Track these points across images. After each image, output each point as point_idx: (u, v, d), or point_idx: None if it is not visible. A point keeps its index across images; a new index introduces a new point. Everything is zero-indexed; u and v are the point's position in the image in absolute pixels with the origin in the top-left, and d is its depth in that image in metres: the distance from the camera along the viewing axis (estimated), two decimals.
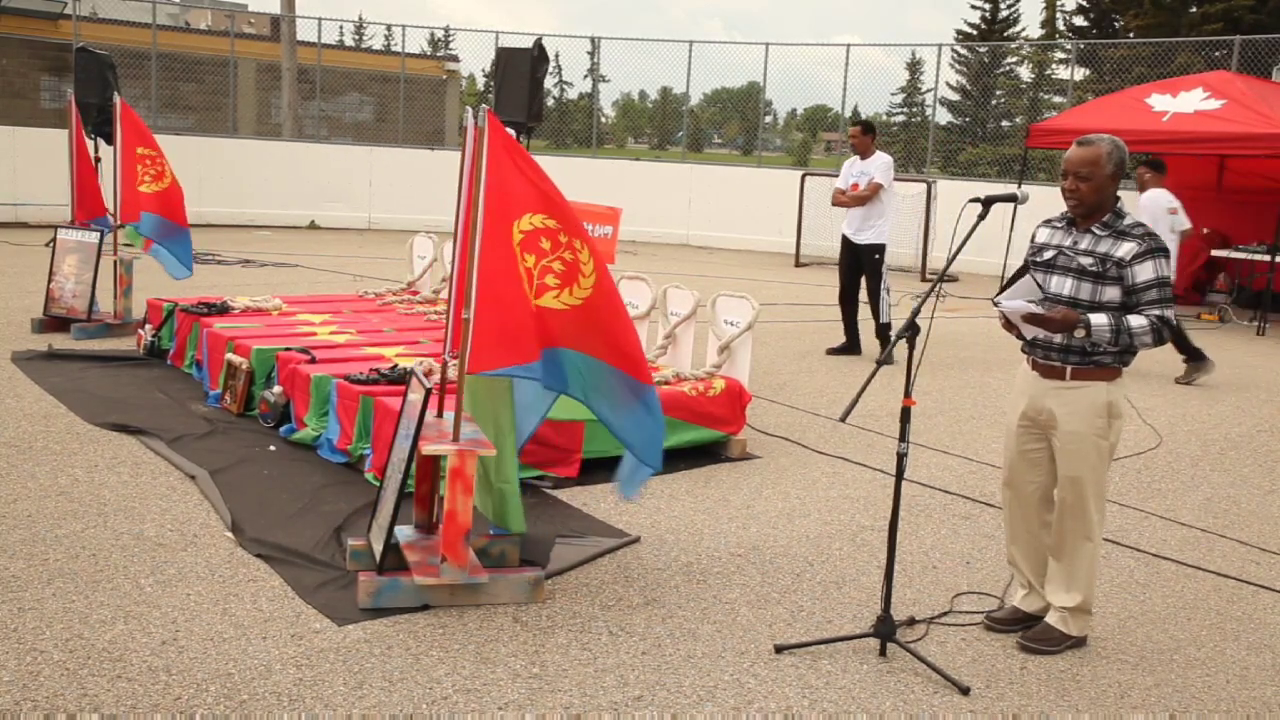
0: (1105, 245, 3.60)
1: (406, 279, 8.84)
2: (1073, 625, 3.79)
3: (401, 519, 3.98)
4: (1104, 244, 3.60)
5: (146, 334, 7.56)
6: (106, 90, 9.07)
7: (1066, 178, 3.65)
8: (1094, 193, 3.61)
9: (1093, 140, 3.64)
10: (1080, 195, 3.62)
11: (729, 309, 6.18)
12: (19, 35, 21.56)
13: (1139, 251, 3.55)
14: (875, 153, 8.98)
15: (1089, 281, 3.60)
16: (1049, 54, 27.70)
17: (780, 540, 4.74)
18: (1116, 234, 3.60)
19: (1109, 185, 3.61)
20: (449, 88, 27.41)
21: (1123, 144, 3.65)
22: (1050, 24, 33.22)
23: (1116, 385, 3.69)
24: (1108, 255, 3.58)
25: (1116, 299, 3.58)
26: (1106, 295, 3.59)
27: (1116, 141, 3.64)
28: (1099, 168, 3.59)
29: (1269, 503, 5.72)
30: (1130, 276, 3.56)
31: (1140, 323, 3.52)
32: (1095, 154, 3.59)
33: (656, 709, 3.26)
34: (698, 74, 19.37)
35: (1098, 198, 3.62)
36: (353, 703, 3.18)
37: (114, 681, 3.21)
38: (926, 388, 7.86)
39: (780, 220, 17.22)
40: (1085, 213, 3.66)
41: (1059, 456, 3.73)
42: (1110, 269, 3.57)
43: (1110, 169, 3.59)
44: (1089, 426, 3.66)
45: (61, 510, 4.58)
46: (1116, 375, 3.68)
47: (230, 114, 19.55)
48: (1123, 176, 3.66)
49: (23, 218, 15.56)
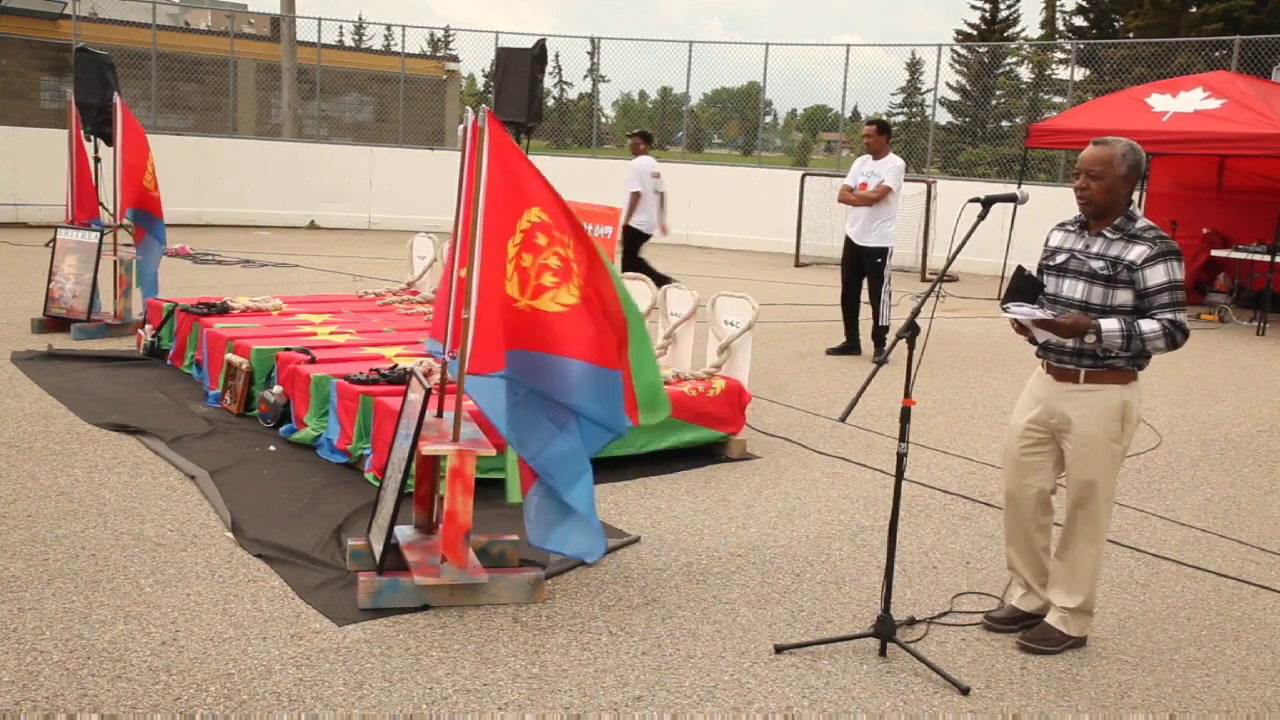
0: (1116, 249, 3.59)
1: (406, 279, 8.84)
2: (1073, 626, 3.79)
3: (401, 519, 3.98)
4: (1115, 247, 3.60)
5: (146, 334, 7.56)
6: (106, 90, 9.07)
7: (1079, 176, 3.64)
8: (1104, 192, 3.60)
9: (1109, 141, 3.63)
10: (1090, 194, 3.62)
11: (729, 309, 6.18)
12: (19, 35, 21.55)
13: (1150, 255, 3.54)
14: (889, 154, 8.93)
15: (1100, 285, 3.59)
16: (1049, 54, 27.69)
17: (780, 540, 4.74)
18: (1128, 237, 3.59)
19: (1120, 186, 3.60)
20: (449, 88, 27.40)
21: (1140, 149, 3.63)
22: (1050, 24, 33.24)
23: (1131, 388, 3.67)
24: (1119, 259, 3.57)
25: (1129, 303, 3.57)
26: (1118, 299, 3.58)
27: (1134, 145, 3.62)
28: (1112, 168, 3.58)
29: (1269, 503, 5.72)
30: (1142, 280, 3.54)
31: (1152, 327, 3.51)
32: (1109, 154, 3.58)
33: (656, 709, 3.26)
34: (698, 74, 19.39)
35: (1108, 198, 3.61)
36: (353, 703, 3.18)
37: (114, 681, 3.21)
38: (926, 388, 7.86)
39: (780, 220, 17.22)
40: (1095, 213, 3.65)
41: (1073, 460, 3.70)
42: (1121, 272, 3.56)
43: (1123, 170, 3.58)
44: (1103, 430, 3.64)
45: (61, 510, 4.58)
46: (1132, 378, 3.66)
47: (230, 114, 19.55)
48: (1138, 181, 3.64)
49: (23, 218, 15.56)
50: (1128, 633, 4.01)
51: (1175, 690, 3.59)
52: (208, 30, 27.68)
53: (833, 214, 14.51)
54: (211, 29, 27.88)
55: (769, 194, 17.70)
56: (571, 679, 3.40)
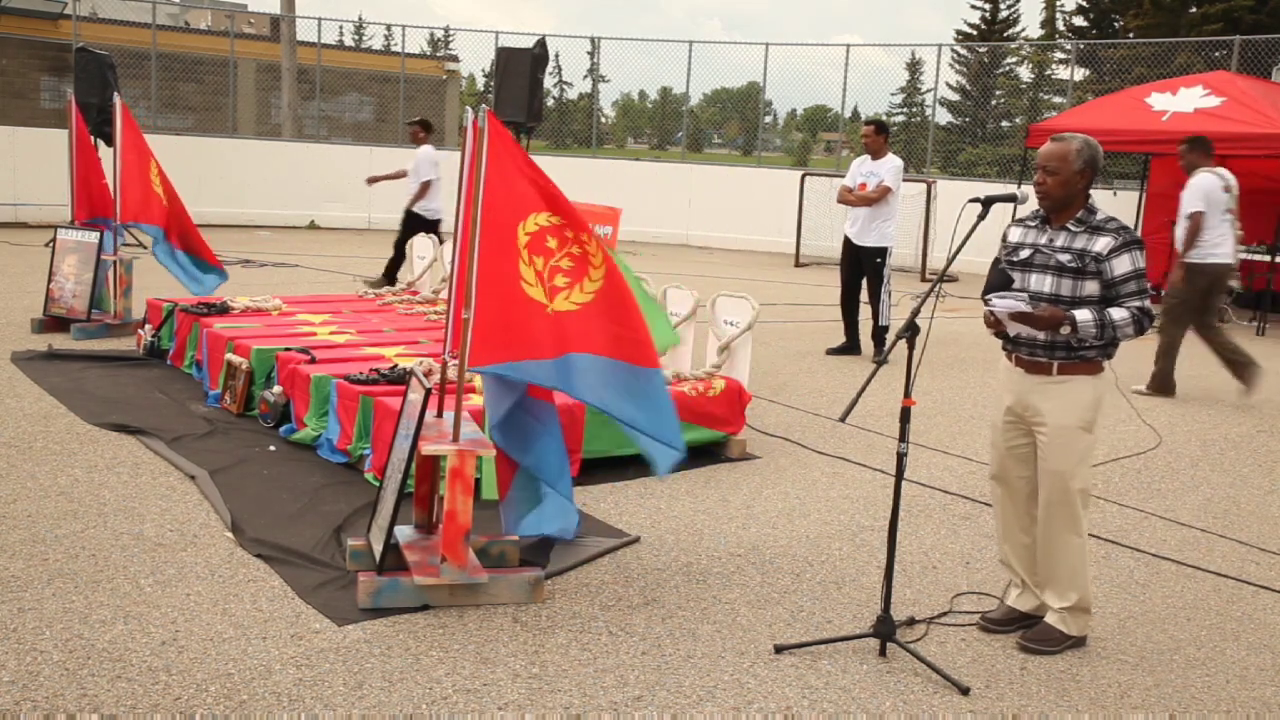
0: (1082, 241, 3.67)
1: (406, 279, 8.84)
2: (1072, 625, 3.80)
3: (401, 519, 3.98)
4: (1080, 239, 3.68)
5: (146, 334, 7.56)
6: (106, 90, 9.09)
7: (1038, 172, 3.73)
8: (1060, 187, 3.68)
9: (1065, 137, 3.74)
10: (1047, 189, 3.71)
11: (729, 309, 6.18)
12: (19, 35, 21.55)
13: (1115, 245, 3.63)
14: (888, 154, 8.94)
15: (1069, 277, 3.66)
16: (1049, 54, 27.71)
17: (780, 540, 4.74)
18: (1091, 229, 3.68)
19: (1076, 181, 3.68)
20: (449, 88, 27.42)
21: (1096, 144, 3.72)
22: (1050, 24, 33.26)
23: (1100, 379, 3.76)
24: (1085, 250, 3.65)
25: (1096, 293, 3.66)
26: (1086, 290, 3.65)
27: (1089, 141, 3.72)
28: (1067, 163, 3.66)
29: (1269, 503, 5.72)
30: (1109, 270, 3.63)
31: (1122, 315, 3.60)
32: (1065, 150, 3.68)
33: (656, 709, 3.26)
34: (698, 74, 19.39)
35: (1064, 192, 3.69)
36: (353, 703, 3.18)
37: (114, 681, 3.21)
38: (926, 388, 7.86)
39: (780, 220, 17.22)
40: (1053, 207, 3.73)
41: (1045, 451, 3.76)
42: (1089, 264, 3.64)
43: (1078, 165, 3.67)
44: (1076, 420, 3.71)
45: (61, 510, 4.58)
46: (1100, 369, 3.75)
47: (230, 114, 19.55)
48: (1094, 176, 3.71)
49: (23, 218, 15.56)
50: (1128, 633, 4.01)
51: (1175, 690, 3.60)
52: (208, 30, 27.70)
53: (832, 214, 14.50)
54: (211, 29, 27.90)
55: (769, 194, 17.70)
56: (571, 679, 3.40)
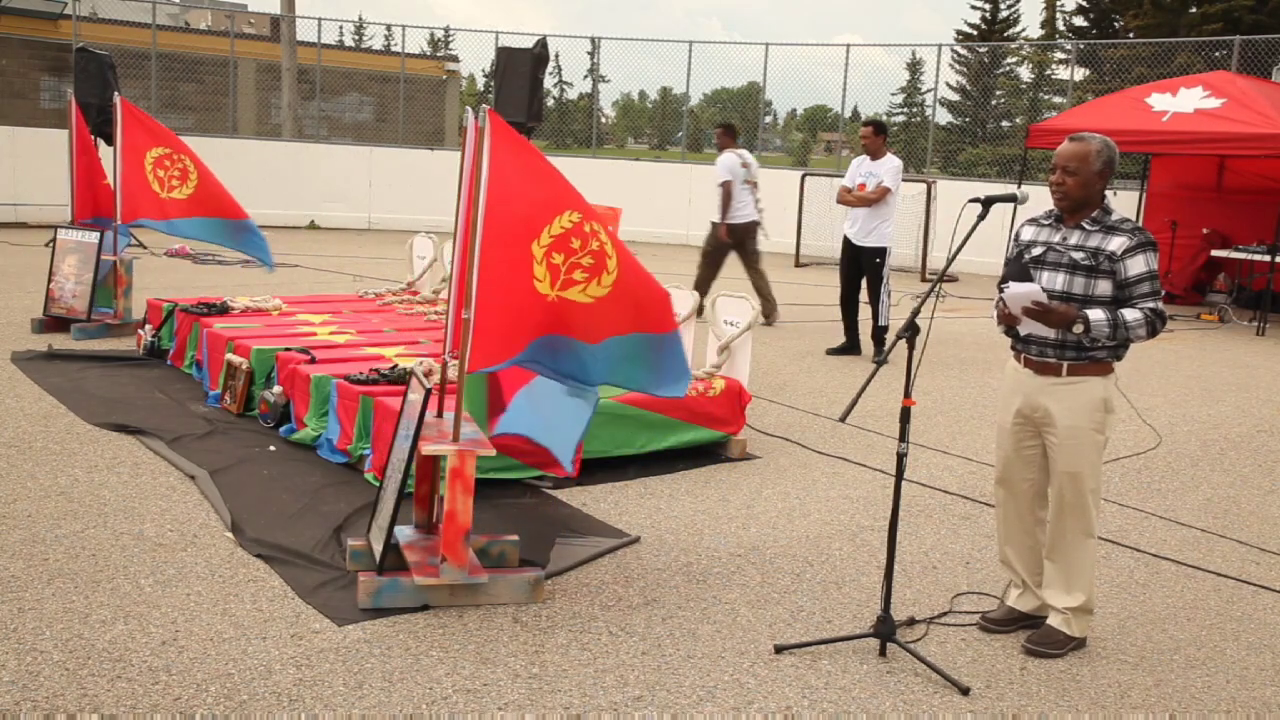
0: (1096, 240, 3.67)
1: (406, 279, 8.84)
2: (1075, 626, 3.79)
3: (401, 519, 3.98)
4: (1094, 238, 3.67)
5: (146, 334, 7.56)
6: (106, 90, 9.08)
7: (1055, 171, 3.72)
8: (1080, 188, 3.67)
9: (1085, 137, 3.72)
10: (1066, 189, 3.69)
11: (729, 309, 6.18)
12: (19, 35, 21.56)
13: (1130, 245, 3.62)
14: (886, 154, 8.94)
15: (1082, 276, 3.66)
16: (1049, 54, 27.68)
17: (780, 540, 4.74)
18: (1106, 229, 3.67)
19: (1095, 182, 3.68)
20: (449, 88, 27.41)
21: (1114, 145, 3.72)
22: (1050, 24, 33.22)
23: (1109, 379, 3.74)
24: (1099, 249, 3.65)
25: (1108, 293, 3.65)
26: (1099, 289, 3.64)
27: (1108, 142, 3.72)
28: (1087, 163, 3.66)
29: (1269, 503, 5.72)
30: (1123, 270, 3.63)
31: (1135, 316, 3.59)
32: (1085, 150, 3.67)
33: (656, 709, 3.26)
34: (698, 74, 19.36)
35: (1083, 193, 3.68)
36: (353, 703, 3.18)
37: (114, 681, 3.21)
38: (926, 388, 7.86)
39: (780, 220, 17.19)
40: (1070, 207, 3.72)
41: (1056, 453, 3.74)
42: (1103, 263, 3.63)
43: (1098, 166, 3.66)
44: (1088, 421, 3.69)
45: (61, 510, 4.58)
46: (1110, 370, 3.74)
47: (230, 114, 19.54)
48: (1112, 176, 3.72)
49: (23, 218, 15.56)
50: (1128, 633, 4.01)
51: (1175, 690, 3.60)
52: (208, 30, 27.69)
53: (832, 214, 14.49)
54: (211, 29, 27.88)
55: (769, 194, 17.54)
56: (571, 679, 3.40)
